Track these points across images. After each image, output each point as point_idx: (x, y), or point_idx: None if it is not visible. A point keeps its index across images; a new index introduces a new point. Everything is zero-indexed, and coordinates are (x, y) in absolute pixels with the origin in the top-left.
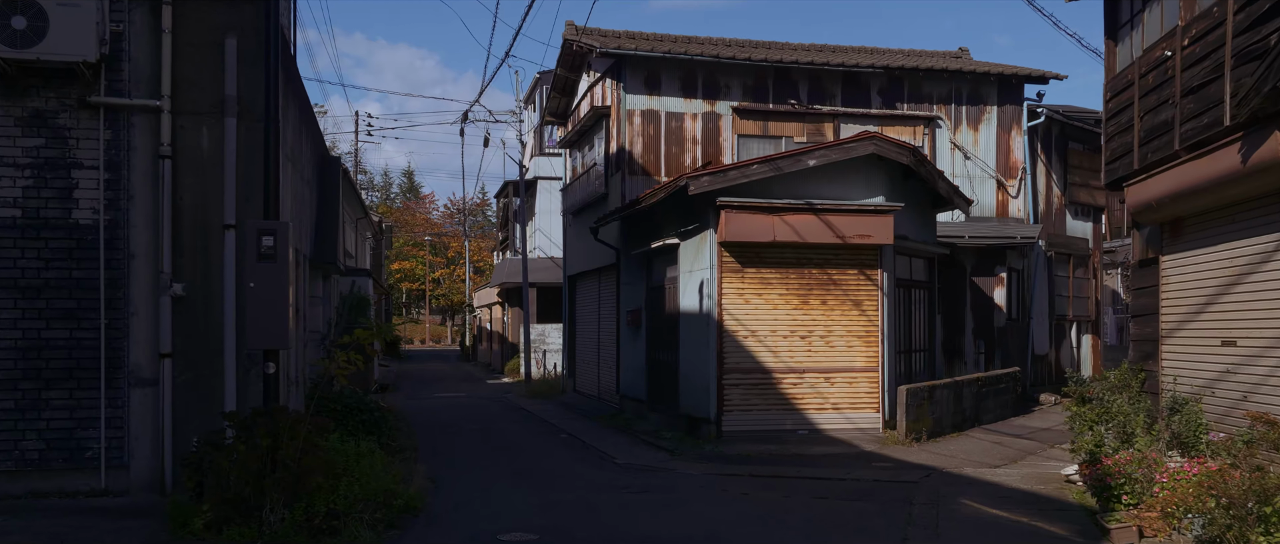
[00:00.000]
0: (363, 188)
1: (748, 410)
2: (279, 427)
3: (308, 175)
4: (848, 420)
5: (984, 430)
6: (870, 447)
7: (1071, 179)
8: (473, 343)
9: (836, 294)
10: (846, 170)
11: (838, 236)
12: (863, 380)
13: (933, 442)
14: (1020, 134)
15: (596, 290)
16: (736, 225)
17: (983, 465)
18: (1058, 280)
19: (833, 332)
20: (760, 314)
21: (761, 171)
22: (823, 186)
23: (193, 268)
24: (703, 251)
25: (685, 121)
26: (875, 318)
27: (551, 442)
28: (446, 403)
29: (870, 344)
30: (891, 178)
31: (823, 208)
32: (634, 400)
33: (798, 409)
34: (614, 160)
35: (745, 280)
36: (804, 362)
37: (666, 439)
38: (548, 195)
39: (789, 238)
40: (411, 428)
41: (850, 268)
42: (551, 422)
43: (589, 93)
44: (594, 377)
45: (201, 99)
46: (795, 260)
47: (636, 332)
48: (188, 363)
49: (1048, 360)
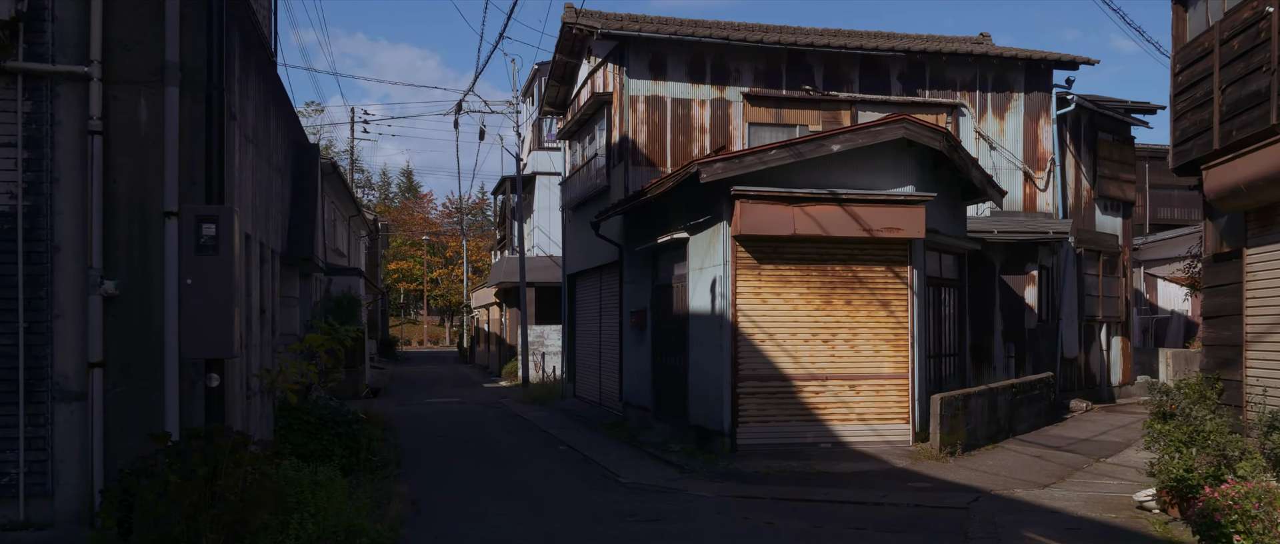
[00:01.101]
0: (359, 186)
1: (765, 422)
2: (218, 451)
3: (278, 162)
4: (874, 432)
5: (1019, 442)
6: (901, 462)
7: (1101, 172)
8: (471, 344)
9: (862, 293)
10: (873, 157)
11: (864, 230)
12: (891, 388)
13: (968, 456)
14: (1048, 123)
15: (597, 290)
16: (753, 217)
17: (1032, 485)
18: (1087, 279)
19: (858, 334)
20: (778, 315)
21: (780, 157)
22: (847, 175)
23: (128, 262)
24: (715, 246)
25: (692, 108)
26: (904, 319)
27: (549, 455)
28: (439, 409)
29: (899, 348)
30: (921, 165)
31: (848, 198)
32: (638, 408)
33: (820, 420)
34: (616, 150)
35: (762, 278)
36: (826, 368)
37: (675, 453)
38: (547, 192)
39: (810, 231)
40: (398, 439)
41: (877, 264)
42: (549, 431)
43: (590, 79)
44: (595, 381)
45: (139, 65)
46: (817, 256)
47: (641, 334)
48: (122, 373)
49: (1077, 364)
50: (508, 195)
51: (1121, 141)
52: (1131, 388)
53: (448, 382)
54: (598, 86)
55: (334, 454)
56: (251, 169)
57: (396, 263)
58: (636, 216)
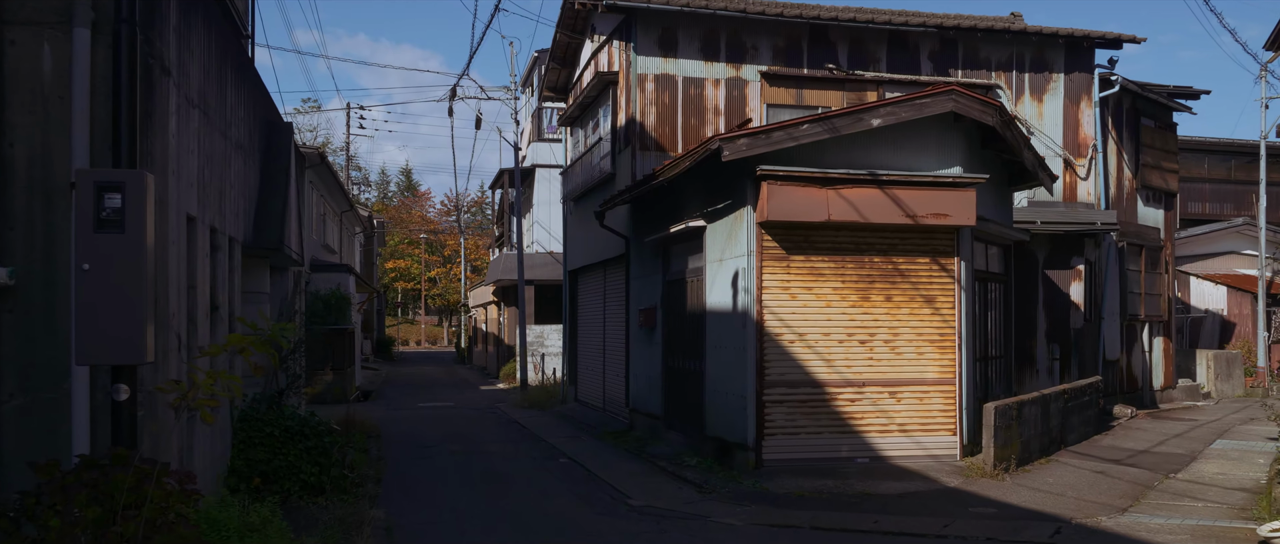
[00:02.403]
0: (356, 184)
1: (794, 434)
2: (115, 487)
3: (241, 139)
4: (918, 445)
5: (1072, 454)
6: (952, 481)
7: (1143, 160)
8: (469, 345)
9: (903, 288)
10: (917, 133)
11: (907, 216)
12: (936, 395)
13: (1023, 471)
14: (1090, 106)
15: (601, 286)
16: (782, 201)
17: (1110, 509)
18: (1129, 275)
19: (899, 335)
20: (810, 313)
21: (813, 133)
22: (886, 154)
23: (28, 245)
24: (737, 235)
25: (706, 89)
26: (951, 318)
27: (549, 470)
28: (431, 414)
29: (945, 350)
30: (969, 144)
31: (889, 179)
32: (647, 415)
33: (856, 432)
34: (622, 135)
35: (791, 271)
36: (864, 372)
37: (691, 469)
38: (547, 185)
39: (847, 217)
40: (382, 450)
41: (920, 256)
42: (549, 440)
43: (593, 59)
44: (598, 385)
45: (42, 3)
46: (852, 246)
47: (650, 334)
48: (20, 382)
49: (1119, 367)
50: (506, 190)
51: (1164, 128)
52: (1173, 392)
53: (443, 384)
54: (602, 66)
55: (301, 471)
56: (197, 139)
57: (394, 262)
58: (645, 205)
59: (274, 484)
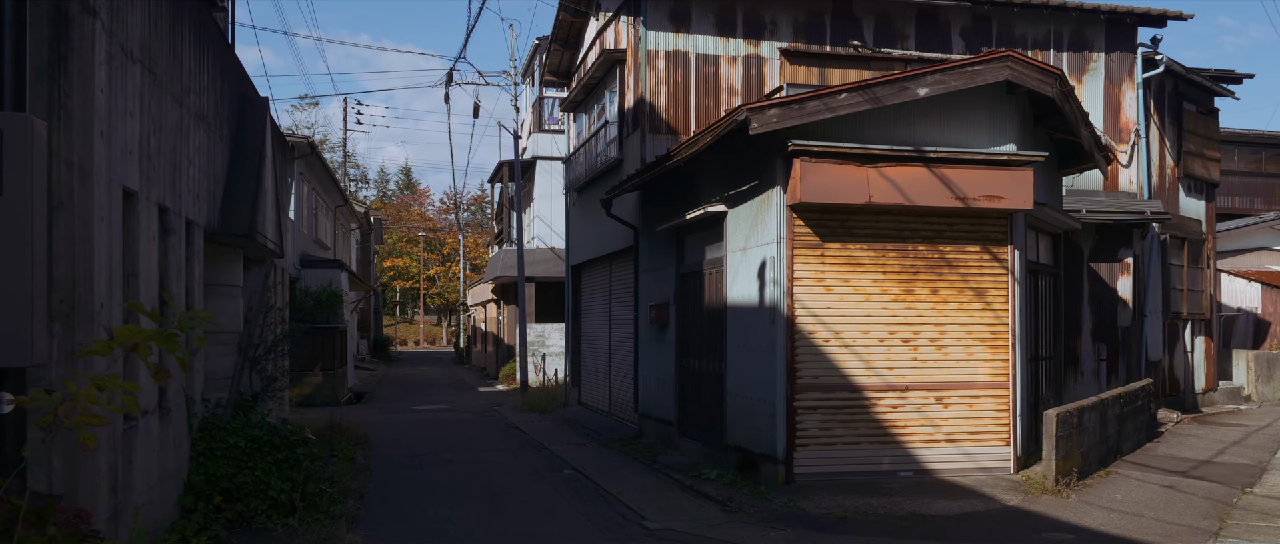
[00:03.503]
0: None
1: (830, 444)
2: None
3: (204, 111)
4: (967, 457)
5: (1131, 465)
6: (1011, 498)
7: (1186, 147)
8: (468, 344)
9: (951, 280)
10: (966, 106)
11: (957, 198)
12: (987, 401)
13: (1084, 486)
14: (1132, 88)
15: (607, 281)
16: (816, 180)
17: (1199, 532)
18: (1170, 270)
19: (946, 332)
20: (846, 307)
21: (852, 103)
22: (933, 129)
23: None
24: (765, 220)
25: (721, 67)
26: (1004, 313)
27: (552, 483)
28: (425, 419)
29: (997, 350)
30: (1022, 119)
31: (937, 157)
32: (658, 421)
33: (898, 441)
34: (631, 117)
35: (826, 260)
36: (907, 375)
37: (712, 483)
38: (548, 178)
39: (889, 199)
40: (369, 459)
41: (970, 243)
42: (551, 448)
43: (599, 38)
44: (604, 388)
45: None
46: (895, 232)
47: (662, 332)
48: None
49: (1161, 368)
50: (505, 184)
51: (1206, 114)
52: (1214, 395)
53: (440, 385)
54: (608, 44)
55: (269, 488)
56: (140, 99)
57: (392, 260)
58: (657, 190)
59: (238, 503)
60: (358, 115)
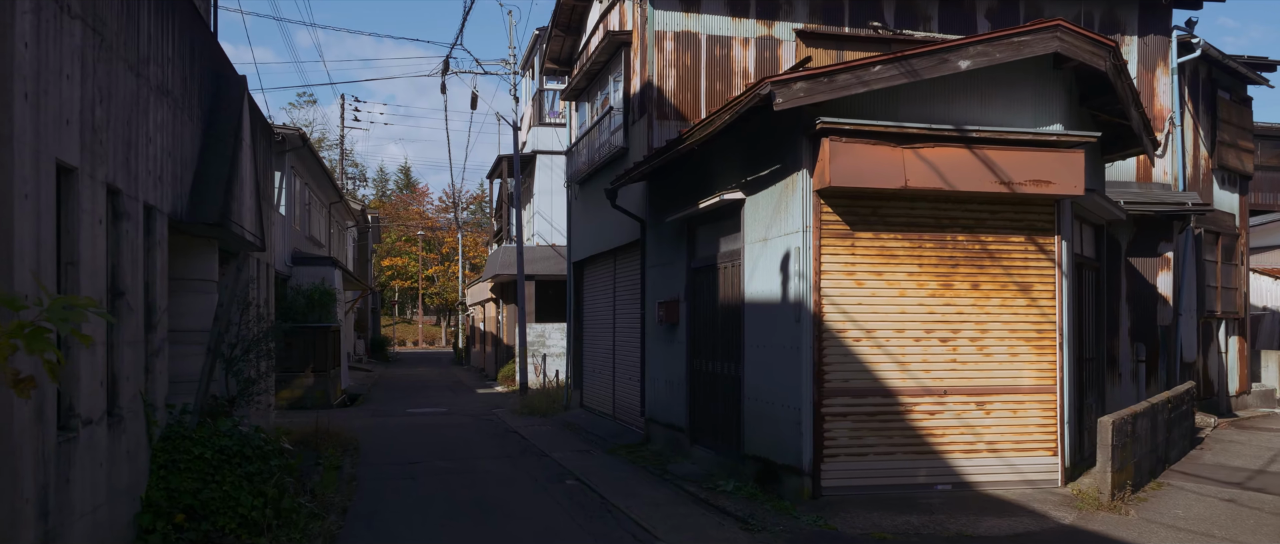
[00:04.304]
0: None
1: (861, 455)
2: None
3: (167, 84)
4: (1011, 468)
5: (1180, 475)
6: (1065, 515)
7: (1220, 137)
8: (466, 345)
9: (993, 273)
10: (1009, 82)
11: (1001, 183)
12: (1032, 406)
13: (1139, 500)
14: (1166, 73)
15: (611, 277)
16: (847, 162)
17: None
18: (1205, 266)
19: (988, 331)
20: (879, 303)
21: (887, 76)
22: (973, 107)
23: None
24: (788, 207)
25: (733, 49)
26: (1051, 310)
27: (553, 496)
28: (420, 422)
29: (1042, 350)
30: (1069, 97)
31: (980, 137)
32: (667, 427)
33: (936, 451)
34: (637, 103)
35: (856, 251)
36: (945, 378)
37: (729, 496)
38: (548, 173)
39: (927, 183)
40: (356, 468)
41: (1014, 233)
42: (552, 455)
43: (603, 21)
44: (608, 390)
45: None
46: (932, 220)
47: (672, 331)
48: None
49: (1195, 370)
50: (504, 179)
51: (1240, 103)
52: (1248, 398)
53: (437, 386)
54: (613, 25)
55: (239, 504)
56: (80, 62)
57: (391, 259)
58: (666, 179)
59: (203, 521)
60: (355, 113)
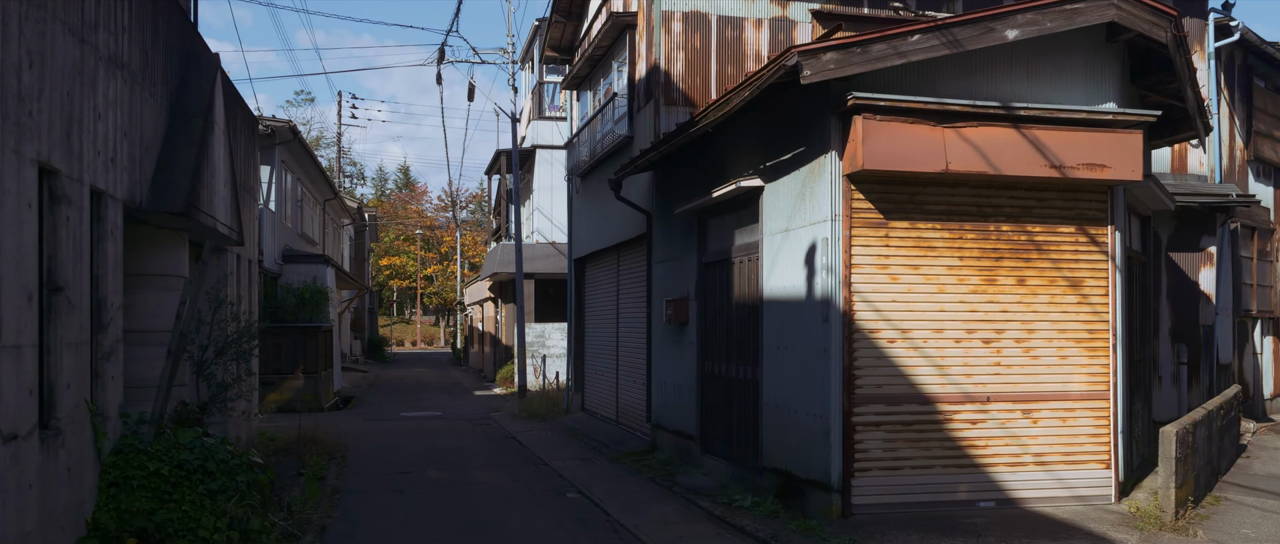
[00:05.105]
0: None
1: (895, 469)
2: None
3: (121, 55)
4: (1060, 482)
5: (1234, 488)
6: (1127, 536)
7: (1256, 127)
8: (465, 345)
9: (1041, 267)
10: (1058, 55)
11: (1052, 167)
12: (1083, 414)
13: (1201, 517)
14: (1203, 58)
15: (614, 275)
16: (882, 143)
17: None
18: (1241, 263)
19: (1035, 331)
20: (915, 300)
21: (926, 46)
22: (1017, 83)
23: None
24: (814, 194)
25: (745, 30)
26: (1103, 308)
27: (553, 511)
28: (413, 428)
29: (1094, 353)
30: (1121, 73)
31: (1028, 115)
32: (675, 434)
33: (978, 465)
34: (642, 88)
35: (891, 242)
36: (989, 382)
37: (746, 513)
38: (548, 168)
39: (970, 167)
40: (341, 478)
41: (1062, 223)
42: (552, 465)
43: (606, 3)
44: (610, 393)
45: None
46: (974, 209)
47: (681, 331)
48: None
49: (1231, 372)
50: (503, 175)
51: (1276, 91)
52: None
53: (434, 388)
54: (617, 6)
55: (200, 526)
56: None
57: (389, 259)
58: (676, 167)
59: None
60: (353, 111)
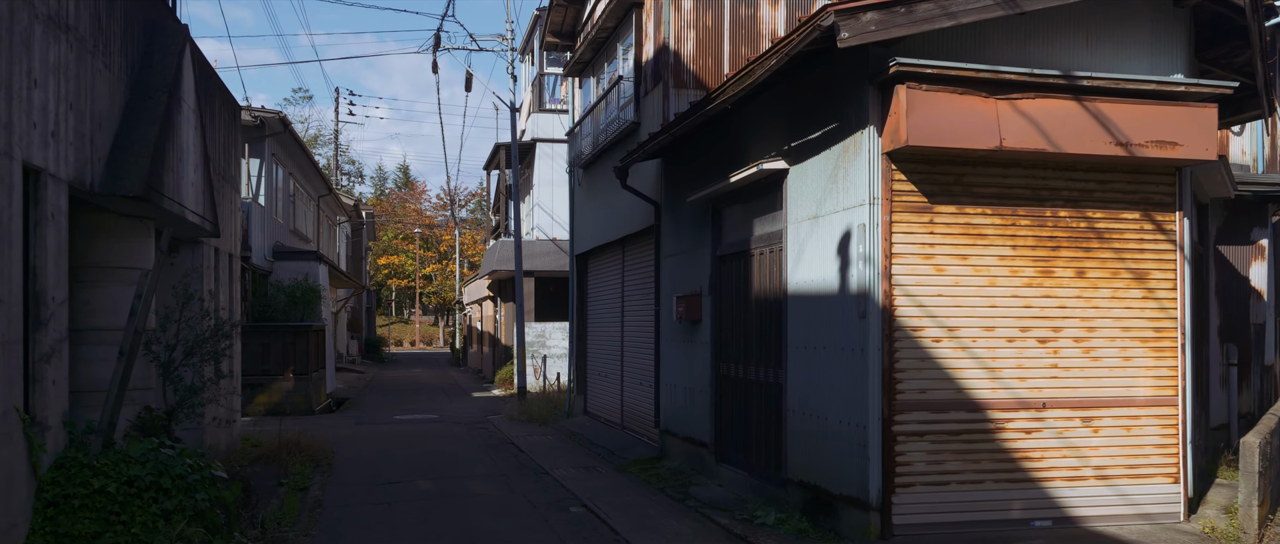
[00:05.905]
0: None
1: (941, 484)
2: None
3: (66, 18)
4: (1123, 498)
5: None
6: None
7: None
8: (463, 345)
9: (1102, 257)
10: (1120, 18)
11: (1118, 144)
12: (1149, 422)
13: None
14: None
15: (619, 270)
16: (928, 115)
17: None
18: None
19: (1096, 329)
20: (964, 295)
21: (978, 6)
22: (1076, 50)
23: None
24: (849, 175)
25: (760, 8)
26: (1170, 304)
27: (555, 528)
28: (407, 432)
29: (1161, 354)
30: (1188, 41)
31: (1092, 86)
32: (686, 440)
33: (1033, 479)
34: (650, 70)
35: (935, 229)
36: (1045, 387)
37: (771, 532)
38: (549, 163)
39: (1027, 144)
40: (325, 488)
41: (1126, 208)
42: (554, 474)
43: None
44: (614, 396)
45: None
46: (1028, 192)
47: (693, 330)
48: None
49: (1274, 373)
50: (502, 170)
51: None
52: None
53: (431, 389)
54: None
55: None
56: None
57: (387, 258)
58: (687, 152)
59: None
60: (350, 108)
